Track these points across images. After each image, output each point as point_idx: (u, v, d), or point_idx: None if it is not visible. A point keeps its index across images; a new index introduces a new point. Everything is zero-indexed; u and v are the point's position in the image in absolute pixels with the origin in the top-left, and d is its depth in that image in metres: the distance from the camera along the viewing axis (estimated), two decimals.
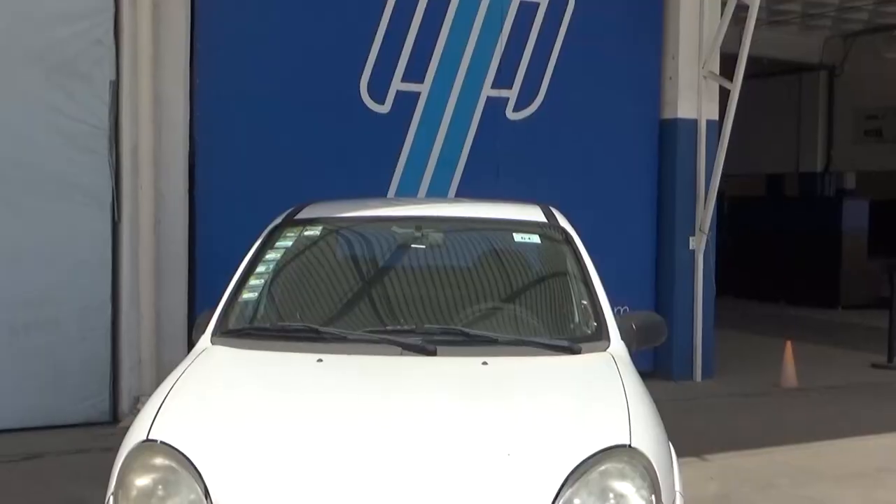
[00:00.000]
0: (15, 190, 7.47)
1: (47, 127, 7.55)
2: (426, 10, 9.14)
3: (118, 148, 7.81)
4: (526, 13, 9.63)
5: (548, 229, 4.97)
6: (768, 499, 6.28)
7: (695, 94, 10.24)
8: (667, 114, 10.34)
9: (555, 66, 9.77)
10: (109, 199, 7.77)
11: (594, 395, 3.73)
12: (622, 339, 4.28)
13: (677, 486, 3.48)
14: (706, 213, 10.20)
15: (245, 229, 5.26)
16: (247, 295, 4.53)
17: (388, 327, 4.32)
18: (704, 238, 10.25)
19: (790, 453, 7.43)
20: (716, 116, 10.34)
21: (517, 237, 4.97)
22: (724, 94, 10.10)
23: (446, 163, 9.31)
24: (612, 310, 4.45)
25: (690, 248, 10.28)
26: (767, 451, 7.45)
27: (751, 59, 10.06)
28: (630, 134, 10.28)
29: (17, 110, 7.48)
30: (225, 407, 3.55)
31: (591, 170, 9.96)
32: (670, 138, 10.31)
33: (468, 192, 9.09)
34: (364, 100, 8.93)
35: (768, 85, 17.94)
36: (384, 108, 9.03)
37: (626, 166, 10.24)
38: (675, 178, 10.26)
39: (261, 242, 4.80)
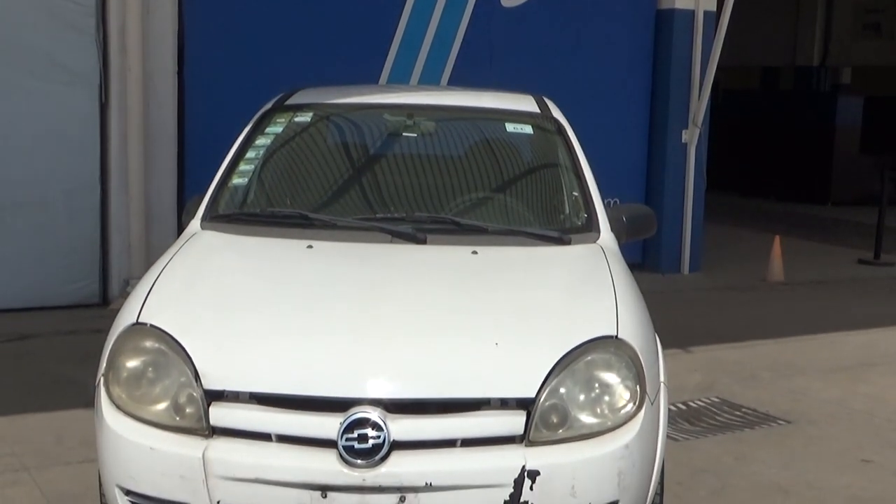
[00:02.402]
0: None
1: (32, 4, 7.39)
2: None
3: (105, 27, 7.68)
4: None
5: (540, 119, 4.92)
6: (750, 389, 6.37)
7: None
8: (664, 4, 10.18)
9: None
10: (97, 80, 7.67)
11: (582, 286, 3.73)
12: (612, 230, 4.29)
13: (662, 377, 3.52)
14: (700, 106, 10.12)
15: (235, 112, 5.20)
16: (237, 180, 4.49)
17: (379, 215, 4.30)
18: (697, 131, 10.19)
19: (774, 346, 7.53)
20: (713, 7, 10.19)
21: (509, 127, 4.92)
22: None
23: (439, 50, 9.18)
24: (603, 201, 4.44)
25: (683, 140, 10.23)
26: (751, 343, 7.55)
27: None
28: (626, 24, 10.13)
29: None
30: (214, 291, 3.55)
31: (585, 60, 9.84)
32: (666, 29, 10.17)
33: (461, 80, 9.00)
34: None
35: None
36: None
37: (620, 57, 10.12)
38: (670, 69, 10.15)
39: (251, 127, 4.74)
